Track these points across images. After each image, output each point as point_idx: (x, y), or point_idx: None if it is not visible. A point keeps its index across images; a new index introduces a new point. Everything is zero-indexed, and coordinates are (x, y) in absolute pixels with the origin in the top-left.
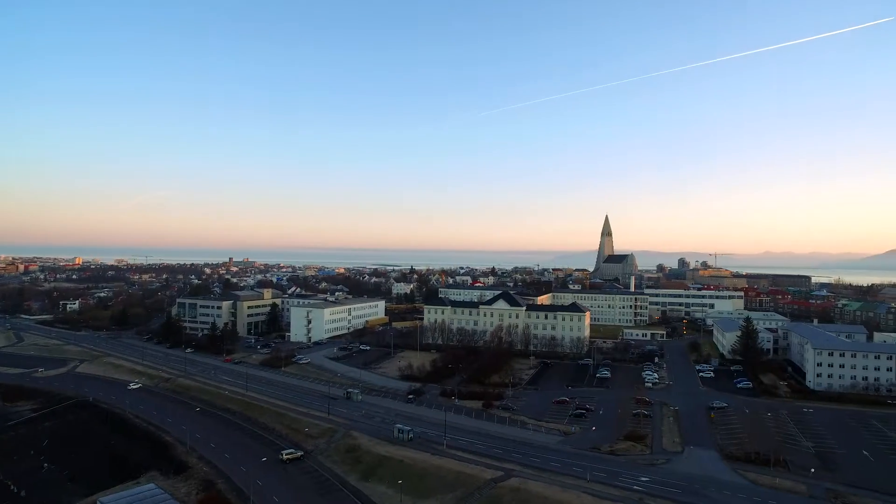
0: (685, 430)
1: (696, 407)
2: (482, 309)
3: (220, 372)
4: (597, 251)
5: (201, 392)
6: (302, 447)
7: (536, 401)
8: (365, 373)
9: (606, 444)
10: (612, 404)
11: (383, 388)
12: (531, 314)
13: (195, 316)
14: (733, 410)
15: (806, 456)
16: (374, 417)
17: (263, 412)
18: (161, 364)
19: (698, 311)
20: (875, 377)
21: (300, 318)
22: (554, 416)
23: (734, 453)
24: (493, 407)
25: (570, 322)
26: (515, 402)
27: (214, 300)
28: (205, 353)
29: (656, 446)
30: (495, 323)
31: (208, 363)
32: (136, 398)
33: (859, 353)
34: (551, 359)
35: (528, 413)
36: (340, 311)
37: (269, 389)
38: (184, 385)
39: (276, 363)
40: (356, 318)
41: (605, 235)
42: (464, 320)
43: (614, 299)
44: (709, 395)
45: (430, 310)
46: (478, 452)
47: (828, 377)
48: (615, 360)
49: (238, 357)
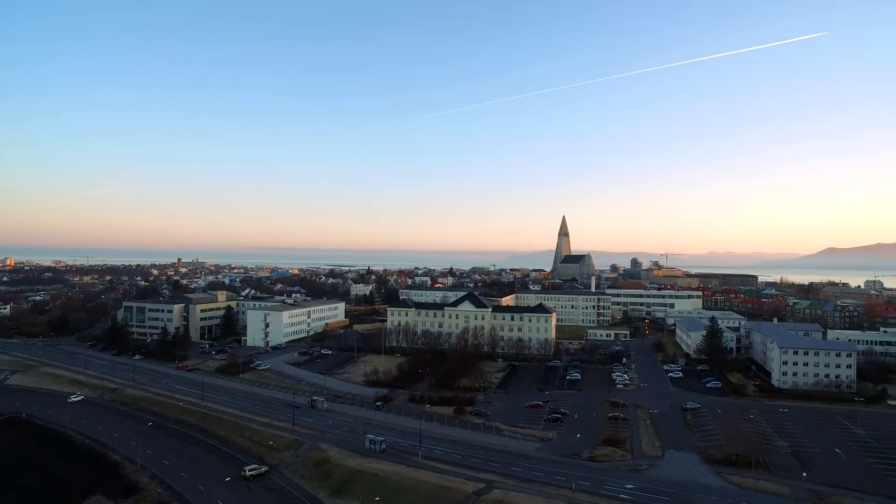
0: (663, 432)
1: (670, 408)
2: (447, 311)
3: (173, 380)
4: (549, 251)
5: (152, 403)
6: (266, 462)
7: (509, 405)
8: (328, 379)
9: (586, 449)
10: (586, 408)
11: (349, 394)
12: (497, 316)
13: (144, 320)
14: (706, 411)
15: (783, 456)
16: (343, 427)
17: (222, 424)
18: (106, 373)
19: (659, 310)
20: (836, 374)
21: (257, 322)
22: (529, 421)
23: (714, 456)
24: (465, 413)
25: (536, 323)
26: (487, 406)
27: (165, 303)
28: (155, 360)
29: (637, 451)
30: (461, 325)
31: (159, 371)
32: (77, 412)
33: (822, 351)
34: (519, 361)
35: (501, 419)
36: (299, 314)
37: (227, 398)
38: (132, 396)
39: (234, 370)
40: (315, 321)
41: (562, 236)
42: (428, 322)
43: (577, 300)
44: (680, 396)
45: (394, 312)
46: (455, 463)
47: (793, 375)
48: (583, 362)
49: (192, 364)
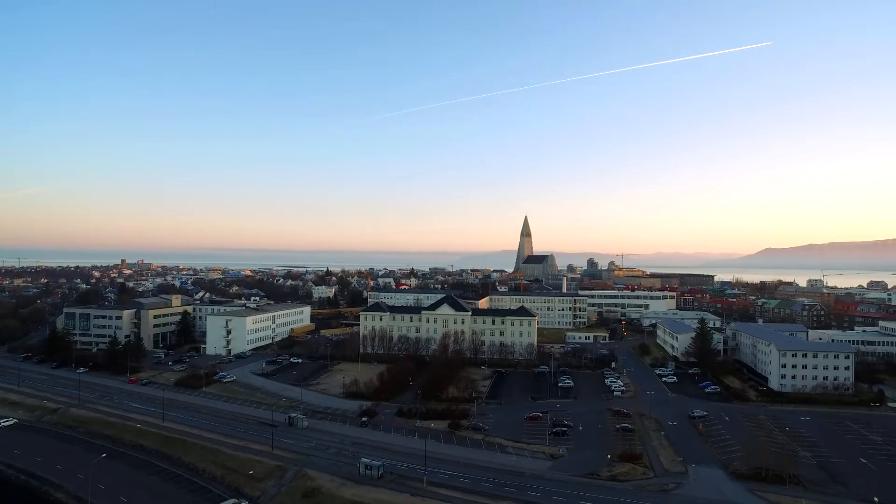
0: (677, 444)
1: (676, 416)
2: (425, 315)
3: (126, 396)
4: (502, 252)
5: (103, 425)
6: (245, 493)
7: (505, 417)
8: (303, 391)
9: (603, 467)
10: (588, 418)
11: (328, 409)
12: (478, 319)
13: (88, 328)
14: (714, 419)
15: (810, 468)
16: (328, 448)
17: (189, 449)
18: (45, 390)
19: (634, 311)
20: (834, 376)
21: (218, 328)
22: (531, 435)
23: (741, 471)
24: (461, 427)
25: (519, 327)
26: (483, 419)
27: (113, 309)
28: (104, 373)
29: (657, 467)
30: (439, 330)
31: (109, 386)
32: (10, 439)
33: (820, 353)
34: (503, 367)
35: (501, 433)
36: (264, 320)
37: (191, 417)
38: (78, 417)
39: (196, 383)
40: (280, 327)
41: (524, 236)
42: (404, 327)
43: (553, 301)
44: (682, 403)
45: (368, 316)
46: (465, 489)
47: (791, 378)
48: (571, 367)
49: (146, 377)
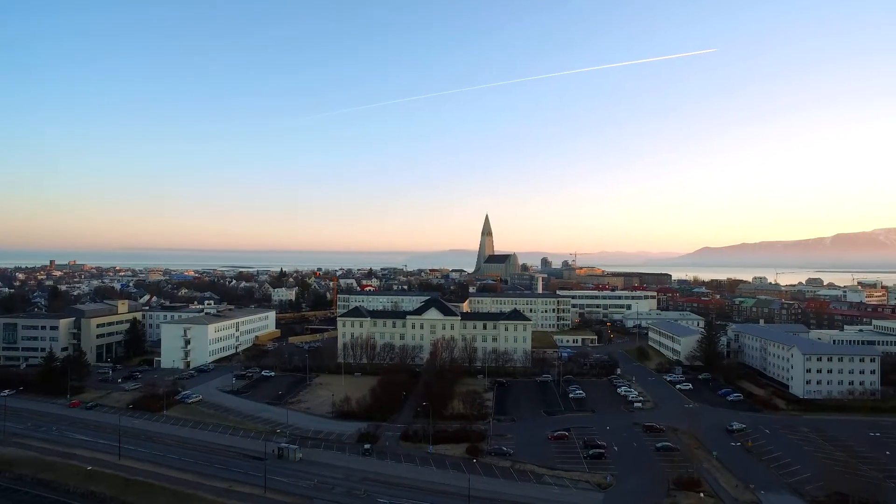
0: (732, 466)
1: (711, 430)
2: (410, 320)
3: (68, 426)
4: (451, 251)
5: (39, 468)
6: None
7: (525, 437)
8: (283, 411)
9: (663, 498)
10: (618, 435)
11: (319, 433)
12: (467, 325)
13: (15, 340)
14: (755, 432)
15: (894, 493)
16: (335, 487)
17: (157, 496)
18: None
19: (616, 312)
20: (860, 381)
21: (174, 338)
22: (562, 458)
23: (820, 499)
24: (482, 452)
25: (514, 332)
26: (502, 441)
27: (46, 317)
28: (37, 395)
29: (725, 496)
30: (426, 336)
31: (45, 412)
32: None
33: (846, 356)
34: (501, 376)
35: (528, 457)
36: (227, 327)
37: (155, 451)
38: (4, 458)
39: (154, 404)
40: (245, 335)
41: (485, 235)
42: (388, 334)
43: (536, 303)
44: (709, 413)
45: (346, 322)
46: None
47: (817, 384)
48: (575, 375)
49: (92, 398)
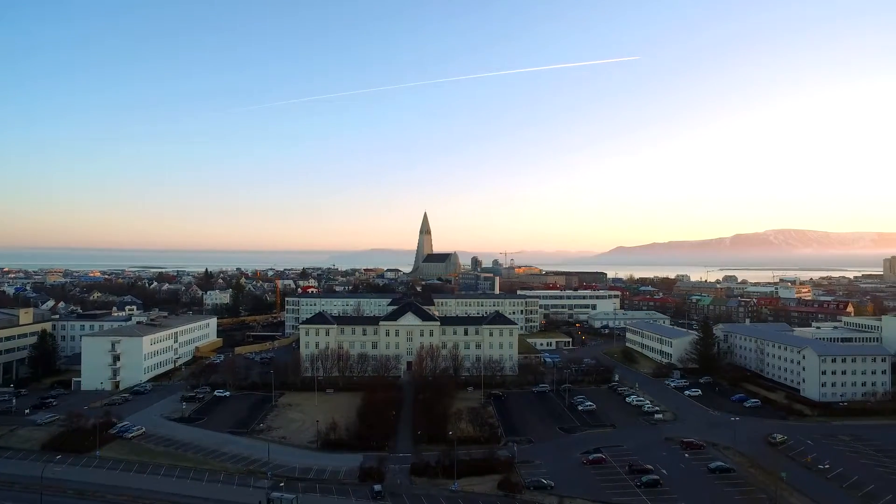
0: (801, 487)
1: (751, 443)
2: (384, 326)
3: None
4: (374, 251)
5: None
6: None
7: (553, 462)
8: (253, 442)
9: None
10: (656, 454)
11: (308, 470)
12: (447, 330)
13: None
14: (797, 443)
15: None
16: None
17: None
18: None
19: (581, 312)
20: (872, 382)
21: (99, 353)
22: (612, 488)
23: None
24: (516, 486)
25: (499, 338)
26: (531, 468)
27: None
28: None
29: None
30: (402, 344)
31: None
32: None
33: (859, 357)
34: (492, 387)
35: (570, 489)
36: (164, 338)
37: None
38: None
39: (81, 442)
40: (184, 346)
41: (423, 233)
42: (358, 342)
43: (504, 304)
44: (740, 424)
45: (311, 330)
46: None
47: (832, 386)
48: (573, 383)
49: None
